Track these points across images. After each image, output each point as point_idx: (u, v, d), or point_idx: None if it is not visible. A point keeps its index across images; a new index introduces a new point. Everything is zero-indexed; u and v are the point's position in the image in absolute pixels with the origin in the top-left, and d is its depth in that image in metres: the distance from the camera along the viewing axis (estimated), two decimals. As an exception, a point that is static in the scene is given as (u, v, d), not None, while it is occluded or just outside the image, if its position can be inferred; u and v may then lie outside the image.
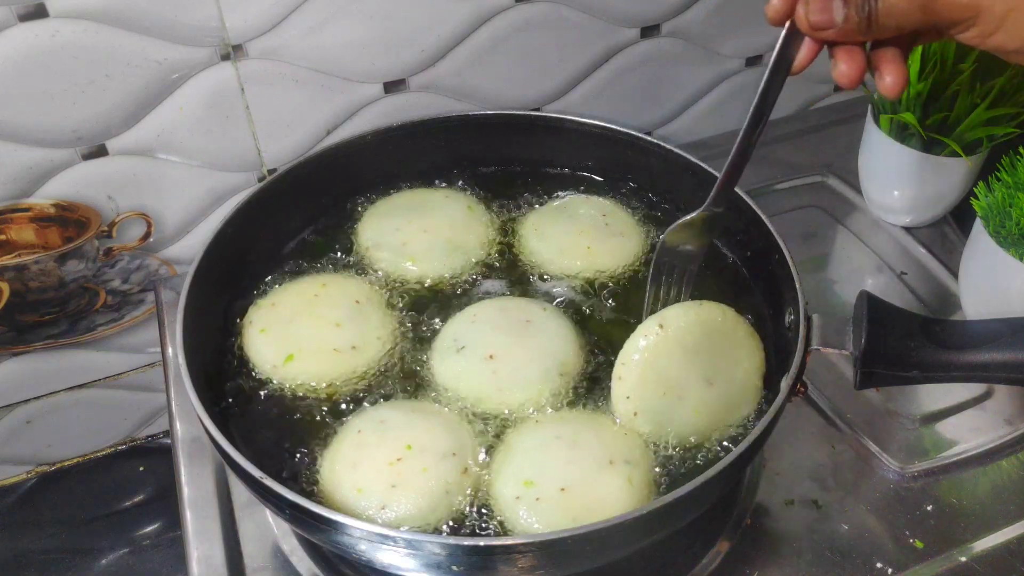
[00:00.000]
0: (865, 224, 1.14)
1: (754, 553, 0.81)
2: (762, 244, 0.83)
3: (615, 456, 0.71)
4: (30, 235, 0.96)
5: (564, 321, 0.83)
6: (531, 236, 0.92)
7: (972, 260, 0.95)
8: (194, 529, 0.82)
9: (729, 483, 0.81)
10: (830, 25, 0.60)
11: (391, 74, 1.02)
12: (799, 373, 0.70)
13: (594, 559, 0.65)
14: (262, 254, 0.89)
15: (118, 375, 1.13)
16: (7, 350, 1.05)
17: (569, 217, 0.94)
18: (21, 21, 0.83)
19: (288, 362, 0.79)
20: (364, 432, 0.73)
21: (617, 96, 1.17)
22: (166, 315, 1.02)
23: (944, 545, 0.81)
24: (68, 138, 0.91)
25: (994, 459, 0.88)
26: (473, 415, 0.76)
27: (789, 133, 1.27)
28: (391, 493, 0.69)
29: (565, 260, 0.90)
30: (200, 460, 0.88)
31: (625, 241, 0.92)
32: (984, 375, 0.68)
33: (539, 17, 1.05)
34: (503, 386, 0.77)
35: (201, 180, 1.01)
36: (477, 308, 0.84)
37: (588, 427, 0.74)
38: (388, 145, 0.95)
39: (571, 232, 0.92)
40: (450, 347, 0.80)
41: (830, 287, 1.07)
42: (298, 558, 0.81)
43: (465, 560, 0.63)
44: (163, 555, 1.12)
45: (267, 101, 0.98)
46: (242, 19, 0.91)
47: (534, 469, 0.70)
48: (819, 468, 0.87)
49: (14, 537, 1.13)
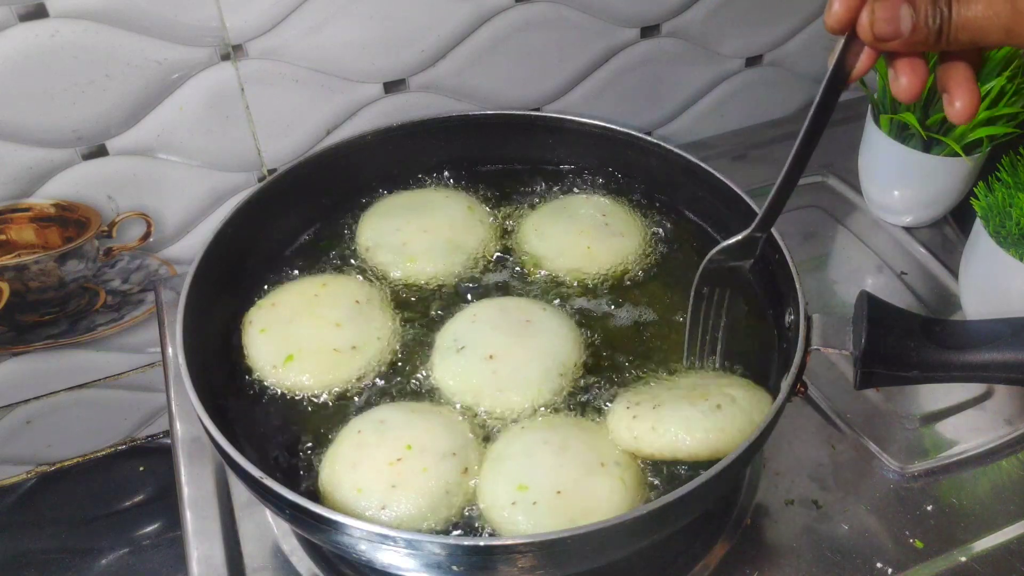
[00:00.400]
0: (865, 224, 1.14)
1: (754, 553, 0.81)
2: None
3: (605, 458, 0.71)
4: (30, 235, 0.96)
5: (564, 321, 0.83)
6: (531, 236, 0.92)
7: (972, 260, 0.95)
8: (194, 529, 0.82)
9: (729, 483, 0.81)
10: (897, 36, 0.55)
11: (391, 74, 1.02)
12: (799, 373, 0.70)
13: (594, 559, 0.65)
14: (262, 254, 0.89)
15: (118, 375, 1.13)
16: (7, 350, 1.05)
17: (569, 217, 0.94)
18: (21, 21, 0.83)
19: (288, 362, 0.79)
20: (364, 432, 0.73)
21: (617, 96, 1.17)
22: (166, 315, 1.02)
23: (944, 545, 0.81)
24: (68, 138, 0.91)
25: (994, 459, 0.88)
26: (473, 415, 0.76)
27: (789, 133, 1.27)
28: (391, 493, 0.69)
29: (565, 260, 0.90)
30: (200, 460, 0.88)
31: (625, 241, 0.92)
32: (984, 375, 0.68)
33: (539, 17, 1.05)
34: (503, 386, 0.77)
35: (201, 180, 1.01)
36: (477, 308, 0.84)
37: (574, 431, 0.74)
38: (388, 145, 0.95)
39: (571, 232, 0.92)
40: (450, 347, 0.80)
41: (830, 287, 1.07)
42: (298, 558, 0.81)
43: (465, 560, 0.63)
44: (163, 555, 1.12)
45: (267, 101, 0.98)
46: (242, 19, 0.91)
47: (526, 474, 0.70)
48: (819, 468, 0.87)
49: (14, 537, 1.13)
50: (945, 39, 0.54)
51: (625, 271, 0.90)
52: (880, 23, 0.55)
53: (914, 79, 0.57)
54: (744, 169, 1.23)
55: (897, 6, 0.54)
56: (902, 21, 0.54)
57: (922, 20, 0.54)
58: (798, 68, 1.26)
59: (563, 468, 0.70)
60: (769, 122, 1.30)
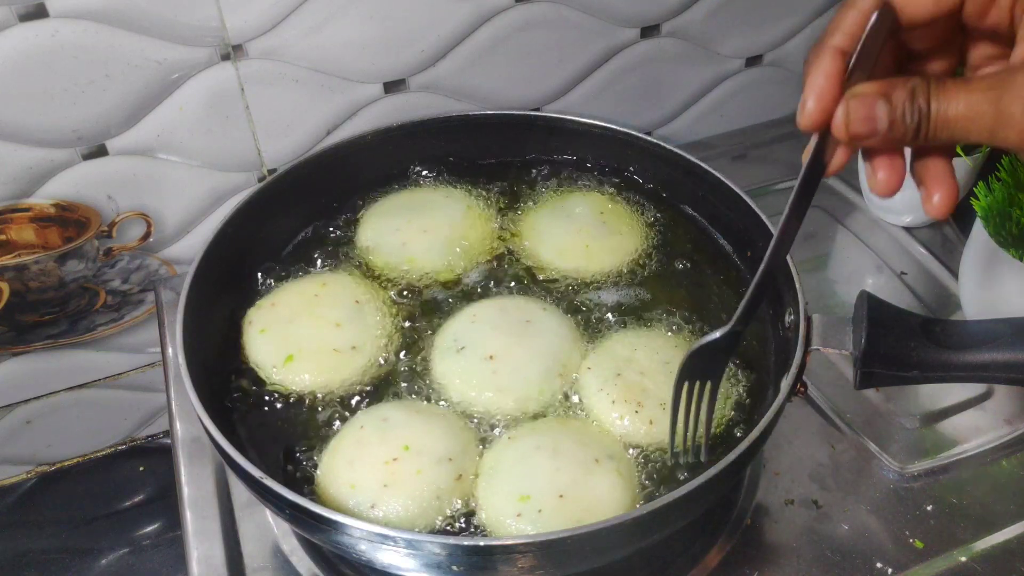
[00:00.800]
0: (865, 224, 1.14)
1: (754, 553, 0.81)
2: (762, 244, 0.83)
3: (598, 454, 0.71)
4: (30, 235, 0.96)
5: (564, 320, 0.83)
6: (530, 235, 0.92)
7: (972, 260, 0.95)
8: (194, 529, 0.82)
9: (729, 483, 0.81)
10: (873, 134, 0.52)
11: (391, 74, 1.02)
12: (799, 373, 0.70)
13: (594, 559, 0.65)
14: (262, 254, 0.89)
15: (118, 375, 1.13)
16: (7, 350, 1.05)
17: (568, 216, 0.93)
18: (21, 21, 0.83)
19: (288, 362, 0.79)
20: (366, 428, 0.73)
21: (617, 96, 1.17)
22: (166, 315, 1.02)
23: (944, 545, 0.81)
24: (68, 138, 0.91)
25: (994, 459, 0.88)
26: (473, 415, 0.76)
27: (789, 133, 1.27)
28: (382, 492, 0.69)
29: (564, 259, 0.90)
30: (200, 460, 0.88)
31: (624, 240, 0.92)
32: (984, 375, 0.68)
33: (539, 17, 1.05)
34: (503, 386, 0.77)
35: (201, 180, 1.01)
36: (477, 308, 0.84)
37: (562, 432, 0.74)
38: (388, 145, 0.95)
39: (570, 231, 0.92)
40: (450, 347, 0.80)
41: (830, 287, 1.07)
42: (298, 558, 0.81)
43: (465, 560, 0.63)
44: (163, 555, 1.12)
45: (267, 101, 0.98)
46: (242, 19, 0.91)
47: (525, 483, 0.70)
48: (819, 468, 0.87)
49: (14, 537, 1.14)
50: (924, 136, 0.51)
51: (624, 270, 0.90)
52: (855, 122, 0.52)
53: (892, 175, 0.55)
54: (744, 169, 1.23)
55: (873, 104, 0.51)
56: (878, 120, 0.51)
57: (899, 117, 0.51)
58: (798, 68, 1.26)
59: (560, 471, 0.70)
60: (769, 122, 1.30)
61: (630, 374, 0.77)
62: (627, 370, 0.77)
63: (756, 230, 0.84)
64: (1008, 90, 0.49)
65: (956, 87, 0.50)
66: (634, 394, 0.76)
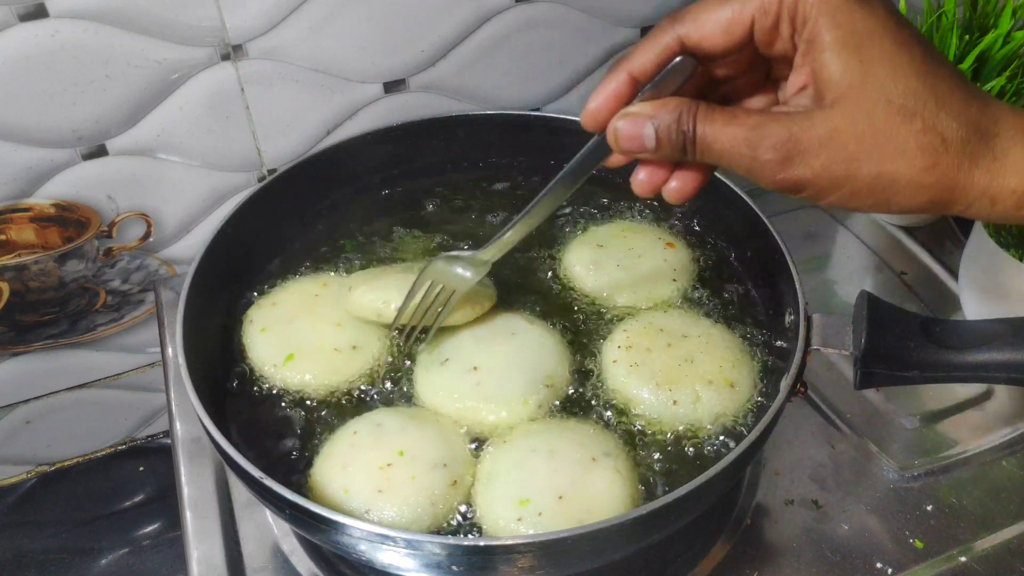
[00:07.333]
0: (865, 224, 1.14)
1: (754, 553, 0.81)
2: (762, 244, 0.83)
3: (595, 452, 0.71)
4: (30, 235, 0.96)
5: (549, 332, 0.82)
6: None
7: (972, 260, 0.95)
8: (194, 529, 0.82)
9: (729, 483, 0.81)
10: (642, 151, 0.56)
11: (391, 74, 1.02)
12: (799, 373, 0.70)
13: (593, 559, 0.65)
14: (262, 254, 0.89)
15: (118, 375, 1.13)
16: (7, 350, 1.05)
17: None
18: (21, 21, 0.83)
19: (288, 362, 0.79)
20: (360, 433, 0.73)
21: (617, 96, 1.17)
22: (166, 315, 1.02)
23: (944, 545, 0.81)
24: (68, 138, 0.91)
25: (994, 459, 0.88)
26: (460, 427, 0.75)
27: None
28: (376, 498, 0.68)
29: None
30: (200, 460, 0.88)
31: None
32: (984, 375, 0.68)
33: (539, 17, 1.05)
34: (487, 397, 0.76)
35: (201, 180, 1.01)
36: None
37: (556, 432, 0.73)
38: (388, 145, 0.95)
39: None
40: (434, 360, 0.79)
41: (830, 287, 1.07)
42: (298, 558, 0.81)
43: (465, 560, 0.63)
44: (163, 555, 1.12)
45: (267, 101, 0.98)
46: (242, 19, 0.91)
47: (523, 487, 0.69)
48: (819, 468, 0.87)
49: (14, 537, 1.13)
50: (692, 157, 0.55)
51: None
52: (623, 140, 0.56)
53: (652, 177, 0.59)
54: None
55: (642, 124, 0.55)
56: (645, 138, 0.55)
57: (664, 137, 0.54)
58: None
59: (558, 472, 0.70)
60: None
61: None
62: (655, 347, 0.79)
63: (756, 230, 0.84)
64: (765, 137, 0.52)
65: (722, 118, 0.53)
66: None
